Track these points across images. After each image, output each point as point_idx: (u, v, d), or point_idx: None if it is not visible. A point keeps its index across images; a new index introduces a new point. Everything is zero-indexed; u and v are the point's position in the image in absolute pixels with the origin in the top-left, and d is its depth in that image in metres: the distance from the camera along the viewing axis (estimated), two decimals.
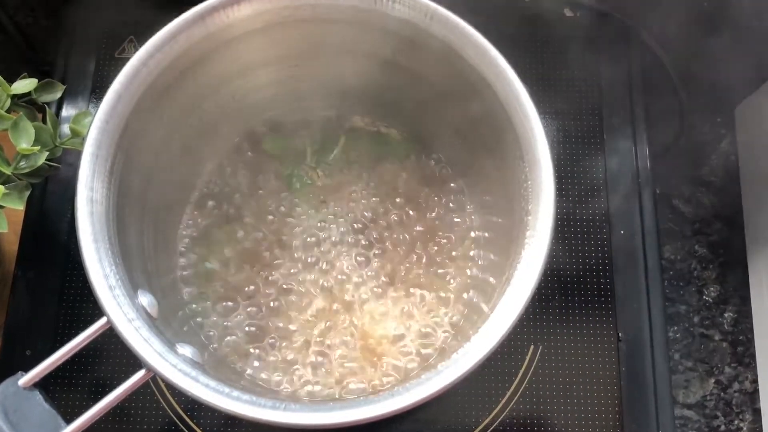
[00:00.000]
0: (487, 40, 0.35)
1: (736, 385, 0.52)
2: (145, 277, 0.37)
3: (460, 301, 0.42)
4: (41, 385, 0.31)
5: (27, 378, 0.31)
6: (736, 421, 0.51)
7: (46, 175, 0.41)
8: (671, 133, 0.53)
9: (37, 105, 0.42)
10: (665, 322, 0.45)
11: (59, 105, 0.48)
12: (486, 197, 0.43)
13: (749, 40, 0.48)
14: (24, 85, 0.40)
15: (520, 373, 0.43)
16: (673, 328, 0.53)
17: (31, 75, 0.41)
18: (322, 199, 0.45)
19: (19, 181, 0.39)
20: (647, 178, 0.48)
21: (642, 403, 0.43)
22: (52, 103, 0.47)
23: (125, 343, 0.30)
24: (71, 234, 0.45)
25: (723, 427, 0.51)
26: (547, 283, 0.45)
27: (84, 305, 0.44)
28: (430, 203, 0.45)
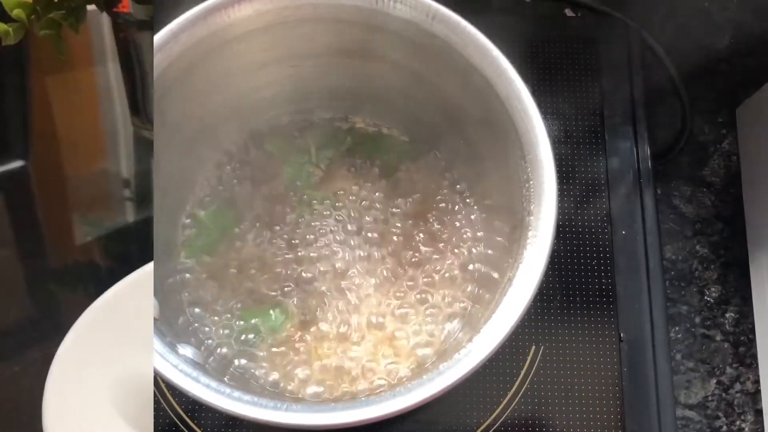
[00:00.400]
0: (489, 40, 0.35)
1: (737, 386, 0.52)
2: None
3: (461, 301, 0.42)
4: None
5: None
6: (737, 422, 0.51)
7: None
8: (672, 133, 0.53)
9: None
10: (667, 322, 0.45)
11: None
12: (487, 197, 0.43)
13: (750, 40, 0.48)
14: None
15: (521, 373, 0.43)
16: (674, 329, 0.53)
17: None
18: (323, 199, 0.45)
19: None
20: (648, 178, 0.48)
21: (643, 404, 0.43)
22: None
23: None
24: None
25: (725, 428, 0.51)
26: (549, 283, 0.45)
27: None
28: (431, 203, 0.45)
